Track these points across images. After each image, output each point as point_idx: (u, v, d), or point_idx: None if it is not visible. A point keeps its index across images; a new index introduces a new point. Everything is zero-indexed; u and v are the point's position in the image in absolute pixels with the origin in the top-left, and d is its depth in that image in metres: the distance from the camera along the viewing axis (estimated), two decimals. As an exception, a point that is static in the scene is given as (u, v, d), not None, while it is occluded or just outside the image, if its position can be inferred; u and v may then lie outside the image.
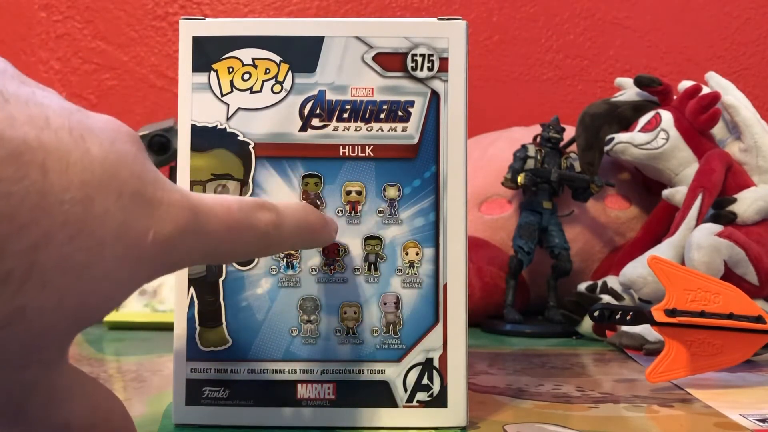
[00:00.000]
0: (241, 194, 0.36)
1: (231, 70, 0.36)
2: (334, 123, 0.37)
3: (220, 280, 0.36)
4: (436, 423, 0.36)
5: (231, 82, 0.36)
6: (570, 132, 0.79)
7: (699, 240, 0.58)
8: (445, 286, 0.36)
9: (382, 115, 0.37)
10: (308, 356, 0.36)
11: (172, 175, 0.91)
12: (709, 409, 0.40)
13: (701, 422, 0.37)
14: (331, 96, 0.37)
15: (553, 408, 0.40)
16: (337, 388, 0.36)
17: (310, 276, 0.36)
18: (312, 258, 0.36)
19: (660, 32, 1.10)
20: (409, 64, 0.37)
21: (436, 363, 0.36)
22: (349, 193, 0.37)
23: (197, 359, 0.36)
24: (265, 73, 0.36)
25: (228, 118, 0.36)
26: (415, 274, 0.36)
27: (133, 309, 0.75)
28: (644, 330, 0.55)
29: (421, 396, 0.36)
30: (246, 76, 0.36)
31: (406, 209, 0.37)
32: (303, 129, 0.36)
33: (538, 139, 0.78)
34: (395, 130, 0.37)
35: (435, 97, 0.37)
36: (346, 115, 0.37)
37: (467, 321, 0.37)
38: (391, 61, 0.37)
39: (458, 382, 0.36)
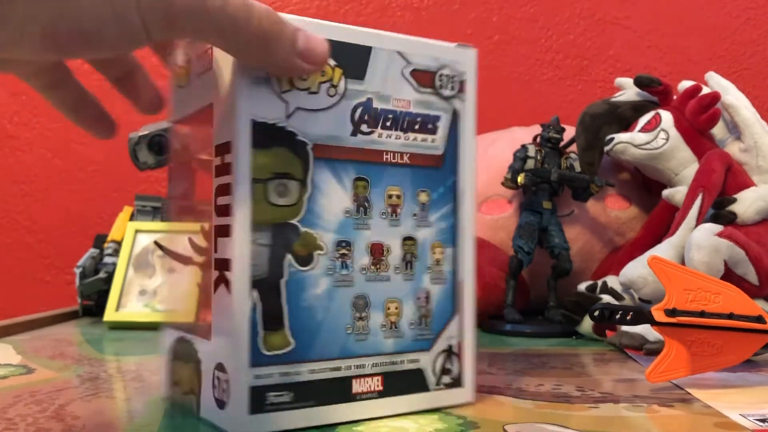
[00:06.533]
0: (300, 195, 0.35)
1: None
2: (378, 130, 0.38)
3: (282, 280, 0.35)
4: (455, 401, 0.40)
5: (290, 80, 0.35)
6: (570, 132, 0.79)
7: (699, 240, 0.58)
8: (461, 282, 0.41)
9: (417, 126, 0.39)
10: (361, 352, 0.37)
11: (173, 176, 0.91)
12: (709, 409, 0.40)
13: (701, 422, 0.37)
14: (377, 104, 0.38)
15: (553, 408, 0.40)
16: (384, 379, 0.38)
17: (360, 275, 0.37)
18: (362, 258, 0.37)
19: (660, 32, 1.10)
20: (437, 83, 0.40)
21: (455, 349, 0.40)
22: (390, 196, 0.38)
23: (261, 365, 0.34)
24: (321, 75, 0.36)
25: (288, 117, 0.35)
26: (440, 271, 0.40)
27: (133, 309, 0.75)
28: (644, 330, 0.55)
29: (445, 379, 0.40)
30: (304, 76, 0.36)
31: (434, 213, 0.40)
32: (354, 134, 0.37)
33: (538, 139, 0.78)
34: (426, 141, 0.40)
35: (455, 115, 0.41)
36: (389, 124, 0.38)
37: (475, 312, 0.41)
38: (424, 78, 0.40)
39: (469, 363, 0.41)
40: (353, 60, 0.37)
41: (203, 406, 0.36)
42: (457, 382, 0.41)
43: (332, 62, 0.36)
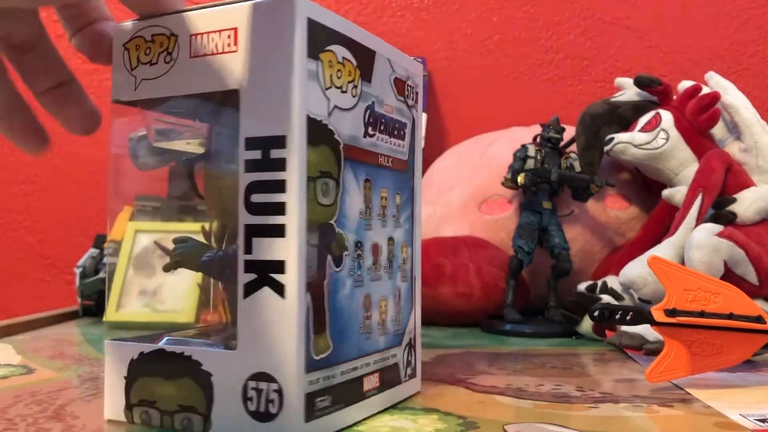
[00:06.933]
0: (336, 195, 0.34)
1: (330, 64, 0.34)
2: (378, 134, 0.38)
3: (325, 282, 0.33)
4: (413, 391, 0.43)
5: (330, 77, 0.34)
6: (570, 132, 0.79)
7: (699, 240, 0.58)
8: (415, 278, 0.43)
9: (396, 132, 0.40)
10: (368, 350, 0.37)
11: (172, 176, 0.91)
12: (709, 409, 0.40)
13: (701, 422, 0.37)
14: (377, 108, 0.38)
15: (553, 408, 0.40)
16: (380, 376, 0.38)
17: (367, 275, 0.37)
18: (368, 258, 0.37)
19: (660, 32, 1.10)
20: (406, 92, 0.41)
21: (413, 342, 0.43)
22: (382, 198, 0.39)
23: (312, 370, 0.32)
24: (348, 75, 0.35)
25: (329, 114, 0.34)
26: (406, 269, 0.42)
27: (133, 309, 0.75)
28: (644, 330, 0.55)
29: (409, 370, 0.42)
30: (339, 74, 0.35)
31: (403, 214, 0.41)
32: (365, 135, 0.37)
33: (538, 139, 0.78)
34: (399, 146, 0.41)
35: (414, 124, 0.42)
36: (382, 128, 0.39)
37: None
38: (400, 86, 0.41)
39: (419, 355, 0.43)
40: (365, 63, 0.37)
41: (218, 422, 0.33)
42: (414, 373, 0.43)
43: (354, 62, 0.36)
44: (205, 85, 0.34)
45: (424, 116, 1.02)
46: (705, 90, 0.71)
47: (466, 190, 0.85)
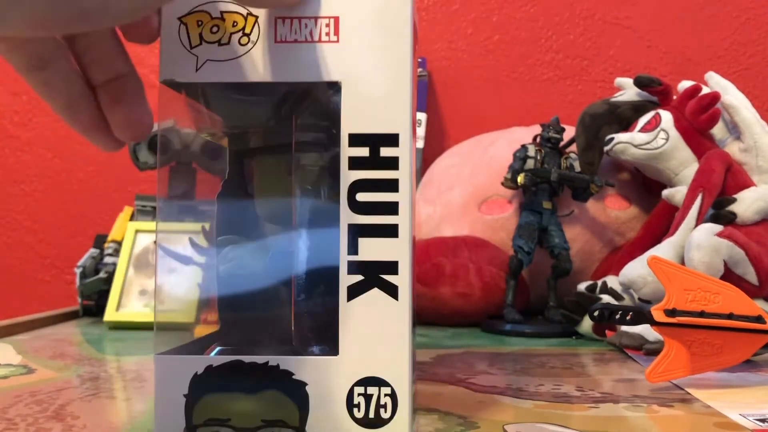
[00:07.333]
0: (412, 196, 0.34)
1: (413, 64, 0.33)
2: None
3: None
4: None
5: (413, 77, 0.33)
6: (570, 132, 0.79)
7: (699, 240, 0.58)
8: None
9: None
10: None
11: (173, 176, 0.91)
12: (709, 409, 0.40)
13: (701, 422, 0.37)
14: None
15: (553, 408, 0.40)
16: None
17: None
18: None
19: (660, 32, 1.10)
20: None
21: None
22: None
23: (414, 371, 0.32)
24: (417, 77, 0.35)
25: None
26: None
27: (133, 309, 0.75)
28: (644, 330, 0.55)
29: None
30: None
31: None
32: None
33: (538, 139, 0.78)
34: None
35: None
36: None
37: None
38: None
39: None
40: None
41: None
42: None
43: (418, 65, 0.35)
44: (295, 74, 0.31)
45: (424, 116, 1.02)
46: (705, 90, 0.71)
47: (466, 190, 0.85)
